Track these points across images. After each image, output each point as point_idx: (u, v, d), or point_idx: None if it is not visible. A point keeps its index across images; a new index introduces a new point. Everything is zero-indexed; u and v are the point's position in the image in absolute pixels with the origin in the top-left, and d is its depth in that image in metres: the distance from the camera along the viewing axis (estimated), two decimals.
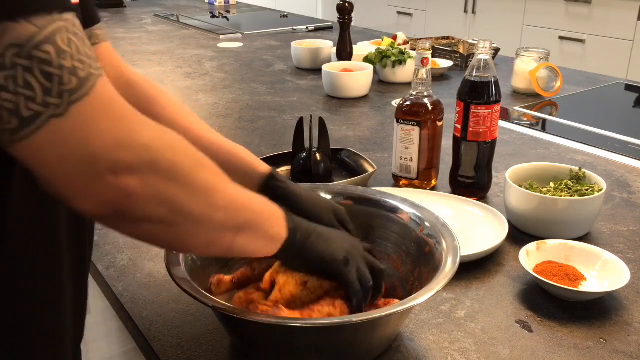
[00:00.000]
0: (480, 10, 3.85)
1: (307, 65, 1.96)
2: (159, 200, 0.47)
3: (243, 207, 0.56)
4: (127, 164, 0.44)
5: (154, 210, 0.47)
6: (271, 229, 0.60)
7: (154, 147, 0.46)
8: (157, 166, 0.46)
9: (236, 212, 0.55)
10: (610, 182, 1.13)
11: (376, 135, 1.38)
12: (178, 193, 0.48)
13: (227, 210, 0.54)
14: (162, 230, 0.49)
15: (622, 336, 0.72)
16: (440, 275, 0.64)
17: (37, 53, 0.40)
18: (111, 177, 0.44)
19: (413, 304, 0.60)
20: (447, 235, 0.71)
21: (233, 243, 0.56)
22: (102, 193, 0.44)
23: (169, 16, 2.95)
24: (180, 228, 0.50)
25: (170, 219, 0.49)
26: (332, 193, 0.83)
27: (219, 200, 0.53)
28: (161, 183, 0.47)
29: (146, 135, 0.46)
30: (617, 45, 3.21)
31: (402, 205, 0.79)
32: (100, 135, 0.43)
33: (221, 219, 0.53)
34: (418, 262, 0.73)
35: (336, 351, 0.64)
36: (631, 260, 0.88)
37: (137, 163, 0.45)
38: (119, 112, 0.45)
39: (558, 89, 1.67)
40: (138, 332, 0.74)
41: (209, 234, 0.53)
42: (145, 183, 0.46)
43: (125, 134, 0.45)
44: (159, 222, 0.48)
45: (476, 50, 1.01)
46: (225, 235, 0.55)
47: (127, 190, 0.45)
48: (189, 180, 0.49)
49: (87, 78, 0.43)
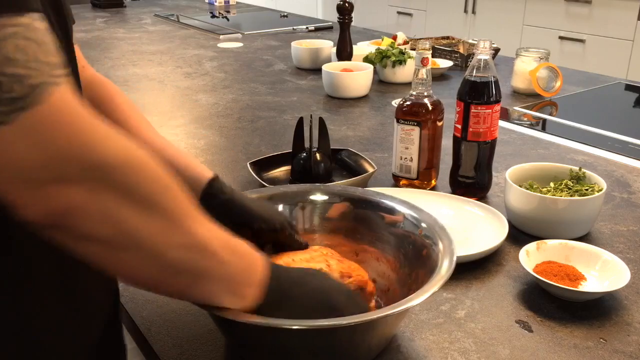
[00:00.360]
0: (480, 10, 3.85)
1: (307, 65, 1.96)
2: (105, 218, 0.44)
3: (209, 251, 0.51)
4: (75, 176, 0.43)
5: (99, 228, 0.45)
6: (242, 286, 0.55)
7: (110, 162, 0.44)
8: (110, 183, 0.44)
9: (198, 254, 0.50)
10: (610, 182, 1.13)
11: (376, 135, 1.38)
12: (130, 215, 0.45)
13: (186, 250, 0.49)
14: (107, 253, 0.47)
15: (622, 336, 0.72)
16: (435, 277, 0.64)
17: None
18: (54, 188, 0.42)
19: (408, 305, 0.60)
20: (444, 237, 0.71)
21: (189, 289, 0.52)
22: (44, 203, 0.43)
23: (169, 16, 2.95)
24: (126, 255, 0.47)
25: (116, 242, 0.46)
26: (331, 194, 0.83)
27: (178, 235, 0.49)
28: (111, 200, 0.44)
29: (104, 150, 0.44)
30: (617, 45, 3.21)
31: (399, 207, 0.79)
32: (49, 146, 0.41)
33: (176, 258, 0.49)
34: (416, 265, 0.72)
35: (332, 352, 0.64)
36: (631, 260, 0.88)
37: (87, 176, 0.43)
38: (76, 122, 0.43)
39: (558, 89, 1.67)
40: (138, 332, 0.74)
41: (160, 271, 0.49)
42: (91, 197, 0.43)
43: (78, 146, 0.42)
44: (104, 242, 0.46)
45: (476, 50, 1.01)
46: (179, 279, 0.51)
47: (70, 202, 0.43)
48: (147, 205, 0.46)
49: (38, 86, 0.41)
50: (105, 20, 2.86)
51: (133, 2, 3.43)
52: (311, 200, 0.82)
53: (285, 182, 1.10)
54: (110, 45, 2.31)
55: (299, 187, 0.85)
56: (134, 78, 1.86)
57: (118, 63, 2.03)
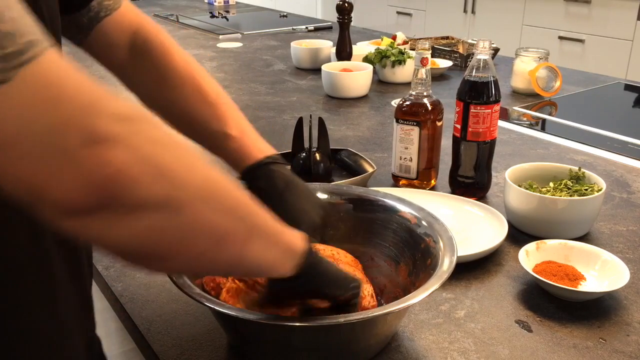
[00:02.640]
0: (480, 10, 3.85)
1: (307, 65, 1.96)
2: (156, 171, 0.38)
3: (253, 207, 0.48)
4: (107, 132, 0.35)
5: (153, 186, 0.37)
6: (287, 237, 0.53)
7: (134, 114, 0.38)
8: (142, 133, 0.38)
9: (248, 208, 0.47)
10: (610, 182, 1.13)
11: (376, 135, 1.38)
12: (176, 165, 0.39)
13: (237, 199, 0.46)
14: (166, 222, 0.39)
15: (621, 336, 0.72)
16: (435, 276, 0.64)
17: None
18: (89, 150, 0.35)
19: (408, 303, 0.60)
20: (445, 237, 0.71)
21: (244, 246, 0.47)
22: (81, 173, 0.35)
23: (168, 16, 2.95)
24: (187, 215, 0.40)
25: (174, 200, 0.39)
26: (332, 193, 0.82)
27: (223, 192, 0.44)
28: (152, 150, 0.38)
29: (122, 104, 0.38)
30: (617, 45, 3.21)
31: (402, 207, 0.79)
32: (65, 100, 0.35)
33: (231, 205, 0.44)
34: (418, 266, 0.72)
35: (332, 350, 0.64)
36: (631, 260, 0.88)
37: (118, 129, 0.36)
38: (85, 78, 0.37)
39: (557, 89, 1.67)
40: (137, 332, 0.74)
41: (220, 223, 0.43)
42: (134, 152, 0.36)
43: (97, 98, 0.36)
44: (162, 206, 0.38)
45: (475, 50, 1.01)
46: (238, 231, 0.46)
47: (113, 163, 0.35)
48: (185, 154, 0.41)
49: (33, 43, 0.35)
50: None
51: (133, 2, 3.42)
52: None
53: None
54: None
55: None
56: None
57: None
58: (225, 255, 0.47)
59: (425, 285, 0.62)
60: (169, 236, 0.40)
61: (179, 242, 0.41)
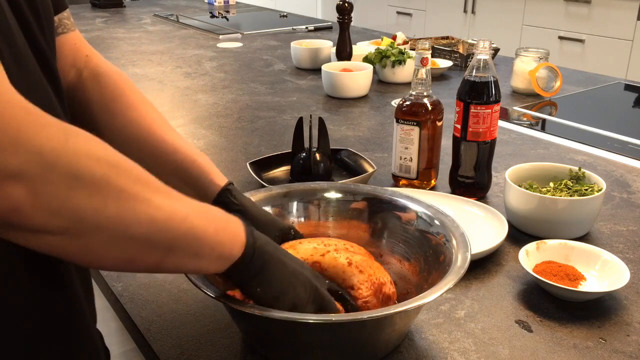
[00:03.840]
0: (480, 10, 3.85)
1: (307, 65, 1.96)
2: (55, 211, 0.41)
3: (177, 220, 0.49)
4: (12, 171, 0.39)
5: (49, 221, 0.42)
6: (219, 247, 0.53)
7: (49, 151, 0.41)
8: (53, 172, 0.41)
9: (166, 226, 0.48)
10: (610, 182, 1.13)
11: (376, 135, 1.38)
12: (81, 202, 0.42)
13: (150, 223, 0.47)
14: (66, 242, 0.44)
15: (621, 336, 0.72)
16: (452, 272, 0.64)
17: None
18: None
19: (426, 300, 0.60)
20: (457, 234, 0.71)
21: (162, 261, 0.50)
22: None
23: (168, 16, 2.95)
24: (88, 240, 0.44)
25: (73, 230, 0.43)
26: (342, 191, 0.82)
27: (141, 212, 0.46)
28: (57, 191, 0.41)
29: (42, 138, 0.40)
30: (617, 45, 3.21)
31: (412, 204, 0.79)
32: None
33: (143, 234, 0.46)
34: (430, 263, 0.72)
35: (345, 347, 0.64)
36: (631, 260, 0.88)
37: (26, 169, 0.40)
38: (7, 112, 0.39)
39: (557, 89, 1.67)
40: (137, 332, 0.74)
41: (128, 250, 0.47)
42: (35, 192, 0.40)
43: (14, 136, 0.39)
44: (60, 233, 0.43)
45: (476, 50, 1.01)
46: (151, 253, 0.48)
47: (12, 200, 0.40)
48: (98, 188, 0.43)
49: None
50: (105, 20, 2.86)
51: (132, 2, 3.43)
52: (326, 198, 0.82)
53: (285, 182, 1.10)
54: (110, 45, 2.31)
55: (318, 184, 0.85)
56: (133, 78, 1.85)
57: (118, 63, 2.03)
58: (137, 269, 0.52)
59: (440, 283, 0.62)
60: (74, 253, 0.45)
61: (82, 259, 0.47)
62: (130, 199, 0.45)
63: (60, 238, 0.43)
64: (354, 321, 0.59)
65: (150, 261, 0.49)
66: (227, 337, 0.72)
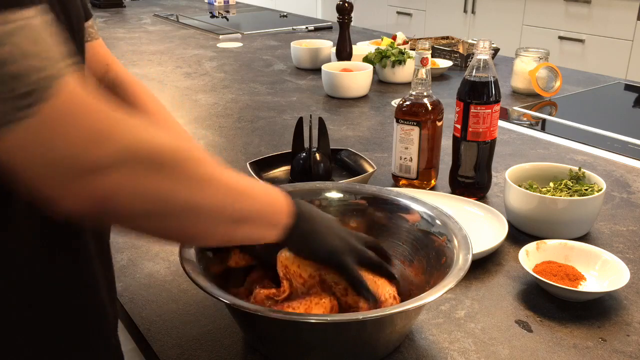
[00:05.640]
0: (480, 10, 3.85)
1: (307, 65, 1.96)
2: (144, 195, 0.46)
3: (241, 194, 0.55)
4: (104, 162, 0.43)
5: (141, 205, 0.47)
6: (273, 215, 0.60)
7: (131, 141, 0.45)
8: (136, 160, 0.45)
9: (234, 200, 0.54)
10: (610, 182, 1.13)
11: (376, 135, 1.38)
12: (163, 185, 0.47)
13: (224, 199, 0.53)
14: (157, 224, 0.49)
15: (621, 336, 0.72)
16: (451, 274, 0.64)
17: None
18: (90, 178, 0.43)
19: (425, 301, 0.60)
20: (459, 236, 0.71)
21: (235, 233, 0.56)
22: (82, 194, 0.43)
23: (168, 16, 2.95)
24: (175, 220, 0.50)
25: (161, 212, 0.48)
26: (345, 192, 0.82)
27: (212, 190, 0.52)
28: (142, 177, 0.46)
29: (122, 130, 0.45)
30: (617, 45, 3.21)
31: (416, 205, 0.79)
32: (70, 135, 0.42)
33: (217, 209, 0.53)
34: (432, 264, 0.72)
35: (346, 347, 0.64)
36: (631, 260, 0.88)
37: (115, 160, 0.44)
38: (90, 109, 0.44)
39: (557, 89, 1.67)
40: (137, 332, 0.74)
41: (207, 224, 0.53)
42: (124, 179, 0.45)
43: (105, 130, 0.44)
44: (146, 216, 0.48)
45: (476, 50, 1.01)
46: (226, 226, 0.54)
47: (107, 189, 0.44)
48: (176, 172, 0.48)
49: (49, 78, 0.41)
50: (105, 20, 2.86)
51: (132, 2, 3.43)
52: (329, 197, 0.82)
53: (285, 182, 1.10)
54: (110, 45, 2.30)
55: (322, 184, 0.85)
56: None
57: None
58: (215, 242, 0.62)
59: (441, 283, 0.62)
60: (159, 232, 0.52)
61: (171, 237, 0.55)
62: (203, 180, 0.51)
63: (147, 221, 0.49)
64: (354, 321, 0.59)
65: (226, 234, 0.56)
66: (227, 337, 0.72)
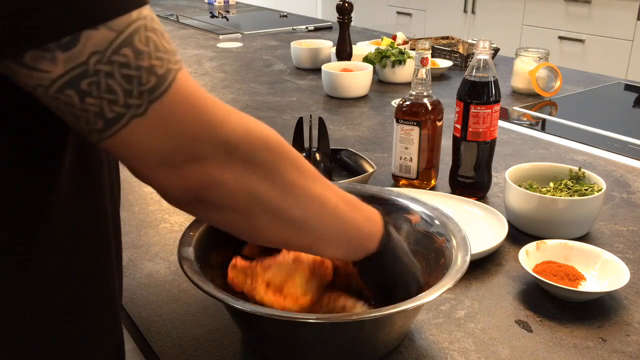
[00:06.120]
0: (480, 10, 3.85)
1: (307, 65, 1.96)
2: (238, 189, 0.49)
3: (331, 213, 0.55)
4: (206, 154, 0.46)
5: (234, 198, 0.49)
6: (361, 241, 0.59)
7: (234, 137, 0.48)
8: (235, 158, 0.48)
9: (322, 217, 0.55)
10: (610, 182, 1.13)
11: (376, 135, 1.38)
12: (254, 186, 0.49)
13: (311, 213, 0.53)
14: (240, 220, 0.51)
15: (621, 336, 0.72)
16: (449, 275, 0.64)
17: (116, 57, 0.41)
18: (189, 167, 0.46)
19: (422, 302, 0.60)
20: (458, 237, 0.71)
21: (312, 246, 0.56)
22: (184, 181, 0.47)
23: (168, 16, 2.95)
24: (256, 220, 0.51)
25: (248, 210, 0.50)
26: (351, 192, 0.82)
27: (302, 200, 0.53)
28: (237, 175, 0.48)
29: (227, 127, 0.48)
30: (617, 45, 3.21)
31: (415, 206, 0.78)
32: (181, 129, 0.45)
33: (301, 220, 0.53)
34: (431, 265, 0.72)
35: (345, 347, 0.64)
36: (631, 260, 0.88)
37: (217, 152, 0.47)
38: (198, 104, 0.46)
39: (558, 89, 1.67)
40: (137, 332, 0.74)
41: (287, 232, 0.53)
42: (224, 171, 0.47)
43: (205, 125, 0.46)
44: (238, 210, 0.50)
45: (476, 50, 1.01)
46: (305, 237, 0.55)
47: (206, 178, 0.47)
48: (271, 174, 0.50)
49: (165, 74, 0.43)
50: None
51: None
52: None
53: None
54: None
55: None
56: None
57: None
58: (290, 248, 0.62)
59: (439, 283, 0.62)
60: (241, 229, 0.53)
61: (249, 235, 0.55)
62: (295, 188, 0.52)
63: (237, 216, 0.51)
64: (353, 321, 0.59)
65: (303, 244, 0.56)
66: (227, 337, 0.72)
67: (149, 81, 0.43)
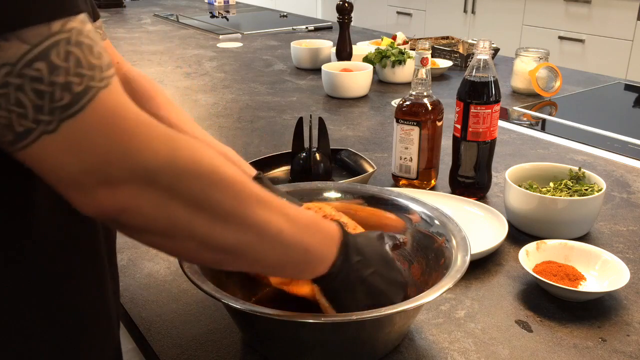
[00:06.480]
0: (480, 10, 3.85)
1: (307, 65, 1.96)
2: (157, 214, 0.46)
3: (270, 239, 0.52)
4: (121, 179, 0.43)
5: (153, 223, 0.46)
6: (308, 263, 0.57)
7: (154, 167, 0.44)
8: (155, 185, 0.45)
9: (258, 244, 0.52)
10: (610, 182, 1.13)
11: (376, 135, 1.38)
12: (176, 212, 0.46)
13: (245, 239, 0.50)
14: (165, 242, 0.49)
15: (621, 336, 0.72)
16: (448, 275, 0.64)
17: (28, 71, 0.39)
18: (103, 191, 0.43)
19: (421, 302, 0.60)
20: (458, 237, 0.71)
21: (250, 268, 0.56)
22: (97, 204, 0.44)
23: (168, 16, 2.95)
24: (182, 244, 0.49)
25: (171, 233, 0.47)
26: (346, 192, 0.82)
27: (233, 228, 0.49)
28: (156, 201, 0.45)
29: (146, 153, 0.44)
30: (617, 45, 3.21)
31: (416, 206, 0.78)
32: (93, 151, 0.42)
33: (233, 247, 0.50)
34: (431, 265, 0.72)
35: (345, 347, 0.64)
36: (631, 260, 0.88)
37: (132, 179, 0.44)
38: (117, 126, 0.43)
39: (557, 89, 1.67)
40: (137, 332, 0.74)
41: (217, 256, 0.51)
42: (140, 197, 0.44)
43: (121, 150, 0.43)
44: (160, 234, 0.47)
45: (476, 50, 1.01)
46: (239, 261, 0.52)
47: (120, 203, 0.44)
48: (197, 202, 0.47)
49: (83, 92, 0.41)
50: (105, 20, 2.86)
51: (132, 2, 3.43)
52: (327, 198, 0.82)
53: (285, 182, 1.10)
54: None
55: (323, 184, 0.85)
56: None
57: None
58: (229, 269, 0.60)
59: (439, 284, 0.62)
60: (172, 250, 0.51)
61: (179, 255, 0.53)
62: (224, 214, 0.48)
63: (160, 238, 0.48)
64: (353, 321, 0.59)
65: (239, 266, 0.55)
66: (227, 337, 0.72)
67: (62, 98, 0.40)
